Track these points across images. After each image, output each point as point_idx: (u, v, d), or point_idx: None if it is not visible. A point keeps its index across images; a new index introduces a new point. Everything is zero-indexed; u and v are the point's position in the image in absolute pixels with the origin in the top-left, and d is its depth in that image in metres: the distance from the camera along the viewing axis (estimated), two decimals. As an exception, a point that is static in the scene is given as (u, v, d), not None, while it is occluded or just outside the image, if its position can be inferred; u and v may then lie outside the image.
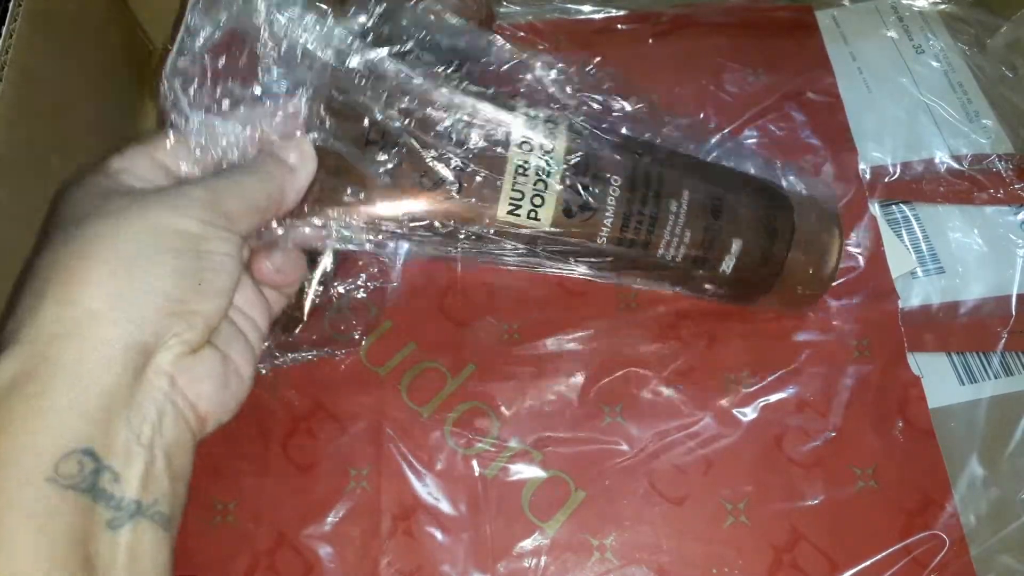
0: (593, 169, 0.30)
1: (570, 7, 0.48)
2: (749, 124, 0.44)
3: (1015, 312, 0.39)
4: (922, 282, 0.41)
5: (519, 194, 0.29)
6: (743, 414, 0.37)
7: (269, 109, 0.28)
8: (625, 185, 0.31)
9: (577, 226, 0.30)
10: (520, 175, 0.29)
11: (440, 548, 0.34)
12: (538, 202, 0.30)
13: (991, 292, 0.40)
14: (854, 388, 0.37)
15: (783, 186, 0.36)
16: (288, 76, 0.28)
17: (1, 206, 0.31)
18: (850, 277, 0.40)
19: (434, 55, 0.30)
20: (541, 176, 0.30)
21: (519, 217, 0.30)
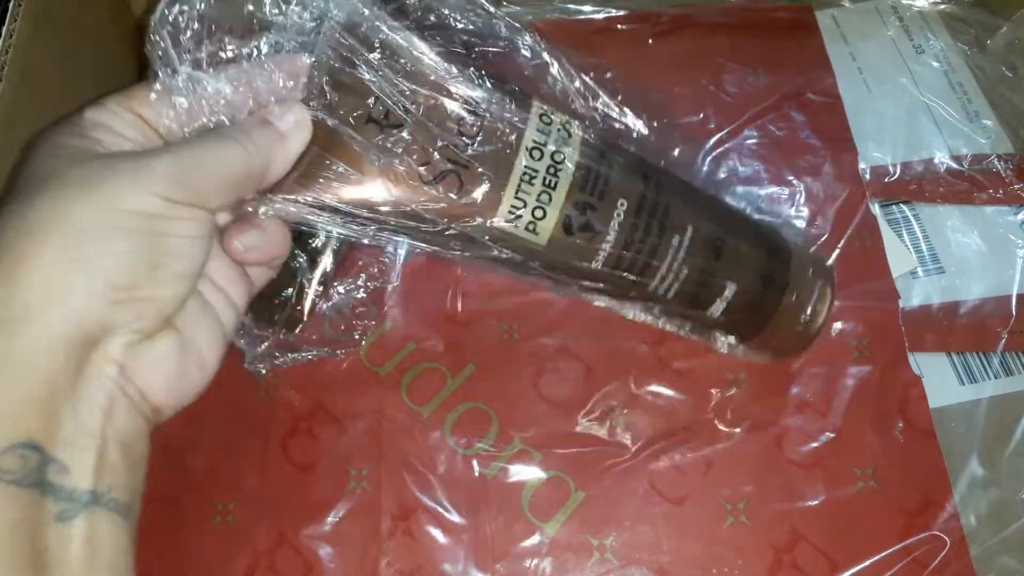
0: (601, 188, 0.29)
1: (570, 7, 0.48)
2: (749, 124, 0.44)
3: (1015, 312, 0.39)
4: (922, 282, 0.41)
5: (521, 203, 0.28)
6: (743, 414, 0.37)
7: (267, 70, 0.25)
8: (631, 210, 0.29)
9: (574, 245, 0.29)
10: (525, 183, 0.28)
11: (440, 548, 0.34)
12: (539, 214, 0.28)
13: (991, 292, 0.40)
14: (854, 388, 0.37)
15: (782, 235, 0.35)
16: (292, 38, 0.25)
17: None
18: (850, 277, 0.40)
19: (445, 35, 0.28)
20: (547, 188, 0.28)
21: (517, 227, 0.28)
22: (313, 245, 0.36)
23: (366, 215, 0.27)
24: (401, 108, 0.26)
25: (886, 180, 0.43)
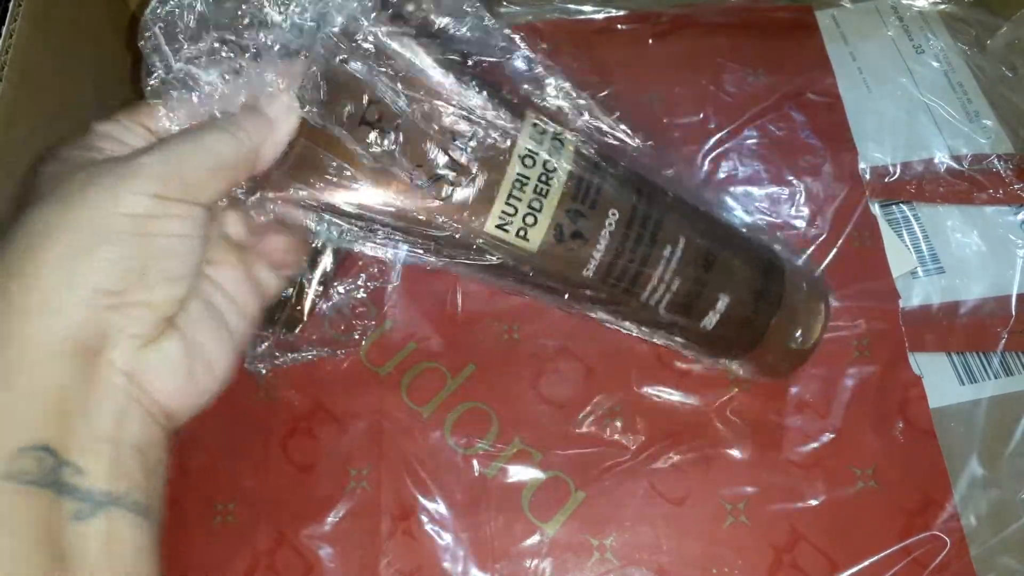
0: (592, 198, 0.29)
1: (570, 7, 0.48)
2: (749, 124, 0.44)
3: (1015, 312, 0.39)
4: (922, 282, 0.41)
5: (512, 209, 0.28)
6: (743, 414, 0.37)
7: (261, 67, 0.25)
8: (622, 220, 0.29)
9: (565, 253, 0.29)
10: (517, 189, 0.28)
11: (440, 548, 0.34)
12: (530, 221, 0.28)
13: (991, 292, 0.40)
14: (854, 388, 0.37)
15: (777, 250, 0.35)
16: (288, 39, 0.26)
17: (1, 206, 0.31)
18: (850, 277, 0.40)
19: (442, 43, 0.28)
20: (538, 195, 0.28)
21: (508, 233, 0.28)
22: (313, 245, 0.36)
23: (359, 216, 0.27)
24: (395, 110, 0.26)
25: (886, 180, 0.43)
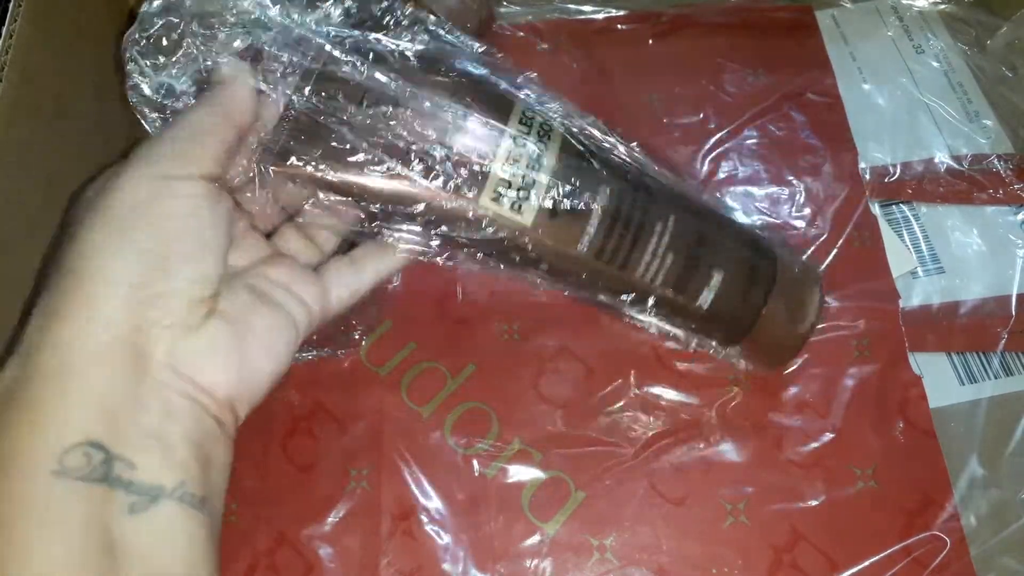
0: (584, 176, 0.30)
1: (570, 7, 0.48)
2: (749, 124, 0.44)
3: (1015, 312, 0.39)
4: (922, 282, 0.41)
5: (506, 184, 0.28)
6: (743, 414, 0.37)
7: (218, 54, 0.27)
8: (614, 197, 0.30)
9: (559, 227, 0.29)
10: (510, 165, 0.28)
11: (440, 548, 0.34)
12: (523, 195, 0.29)
13: (991, 292, 0.40)
14: (854, 388, 0.37)
15: (767, 237, 0.35)
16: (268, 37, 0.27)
17: (1, 206, 0.31)
18: (850, 277, 0.40)
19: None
20: (531, 170, 0.29)
21: (502, 207, 0.29)
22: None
23: (357, 192, 0.28)
24: (389, 92, 0.27)
25: (886, 180, 0.43)
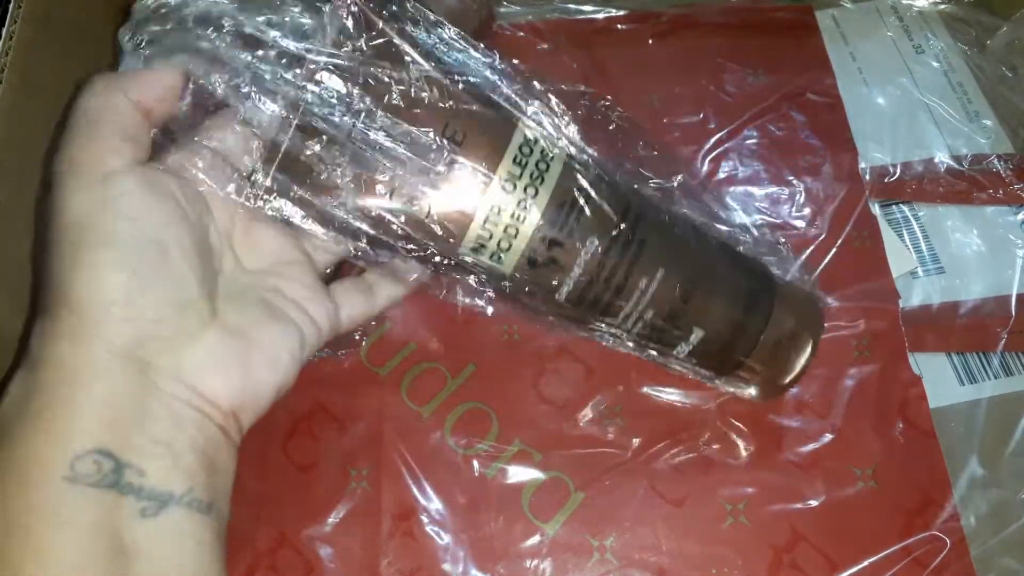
0: (571, 227, 0.28)
1: (570, 7, 0.48)
2: (749, 124, 0.44)
3: (1015, 312, 0.39)
4: (922, 282, 0.41)
5: (487, 234, 0.27)
6: (743, 415, 0.37)
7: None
8: (600, 250, 0.28)
9: (539, 277, 0.29)
10: (494, 215, 0.27)
11: (440, 548, 0.34)
12: (505, 246, 0.28)
13: (991, 292, 0.40)
14: (854, 388, 0.37)
15: (770, 279, 0.33)
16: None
17: (1, 207, 0.31)
18: (850, 277, 0.40)
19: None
20: (515, 221, 0.27)
21: (481, 257, 0.28)
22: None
23: (340, 217, 0.27)
24: (377, 130, 0.26)
25: (886, 180, 0.43)
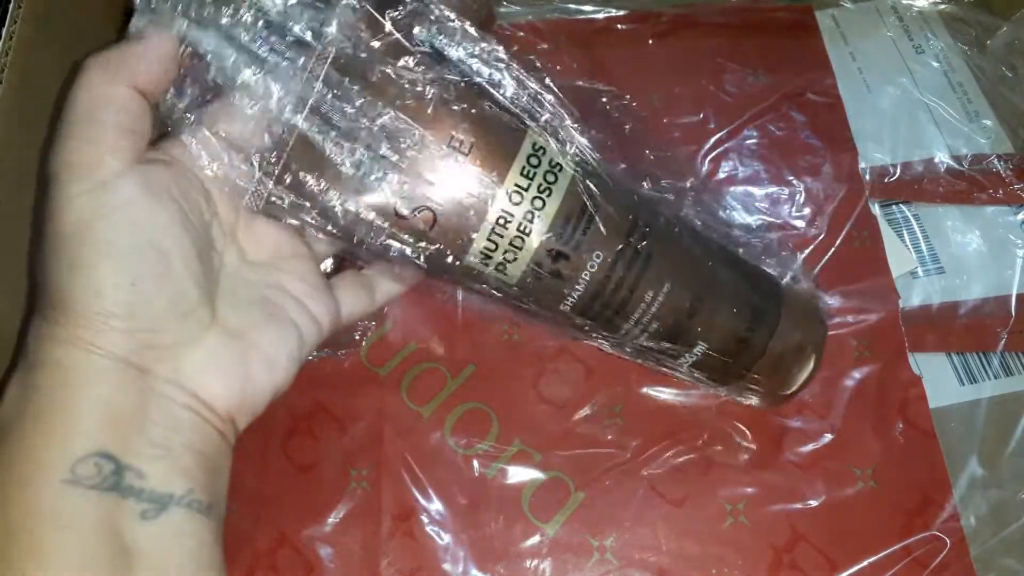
0: (577, 240, 0.28)
1: (570, 7, 0.48)
2: (749, 124, 0.44)
3: (1015, 312, 0.39)
4: (922, 282, 0.41)
5: (493, 245, 0.27)
6: (743, 415, 0.37)
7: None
8: (605, 264, 0.28)
9: (544, 288, 0.28)
10: (500, 226, 0.27)
11: (440, 549, 0.34)
12: (510, 257, 0.27)
13: (991, 292, 0.40)
14: (854, 388, 0.37)
15: (778, 291, 0.33)
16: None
17: (1, 207, 0.31)
18: (850, 277, 0.40)
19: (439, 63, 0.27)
20: (522, 233, 0.27)
21: (487, 268, 0.28)
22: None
23: (342, 217, 0.26)
24: (382, 143, 0.25)
25: (886, 180, 0.43)
